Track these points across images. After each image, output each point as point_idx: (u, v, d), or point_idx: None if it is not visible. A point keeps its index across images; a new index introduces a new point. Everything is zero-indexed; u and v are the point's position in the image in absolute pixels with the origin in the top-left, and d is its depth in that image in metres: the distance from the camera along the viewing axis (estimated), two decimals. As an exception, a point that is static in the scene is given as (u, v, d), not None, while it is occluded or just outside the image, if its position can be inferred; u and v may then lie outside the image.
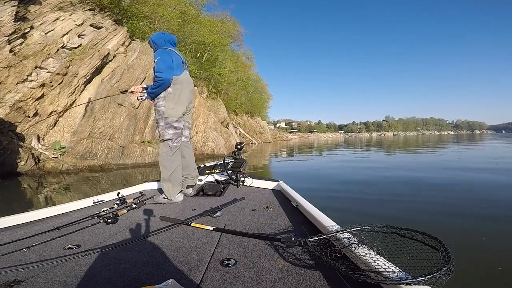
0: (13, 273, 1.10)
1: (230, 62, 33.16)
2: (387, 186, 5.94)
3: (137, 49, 12.45)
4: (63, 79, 9.07)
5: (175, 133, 2.35)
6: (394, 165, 10.25)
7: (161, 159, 2.35)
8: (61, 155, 8.64)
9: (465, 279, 2.11)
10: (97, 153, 9.21)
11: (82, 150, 8.94)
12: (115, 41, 11.89)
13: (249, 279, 1.02)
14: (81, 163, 8.78)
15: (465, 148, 19.66)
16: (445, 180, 6.42)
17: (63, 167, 8.27)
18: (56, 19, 10.12)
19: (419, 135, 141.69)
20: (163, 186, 2.37)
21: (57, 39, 9.57)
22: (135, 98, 2.77)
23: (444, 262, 0.88)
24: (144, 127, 11.16)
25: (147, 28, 15.30)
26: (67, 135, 9.06)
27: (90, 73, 9.89)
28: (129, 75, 11.07)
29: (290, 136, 75.43)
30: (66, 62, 9.25)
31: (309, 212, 1.71)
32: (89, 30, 11.14)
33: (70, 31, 10.27)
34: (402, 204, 4.30)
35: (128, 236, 1.56)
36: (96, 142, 9.34)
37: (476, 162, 10.28)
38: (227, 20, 33.91)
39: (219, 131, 18.11)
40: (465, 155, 13.25)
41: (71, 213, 2.12)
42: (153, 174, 9.21)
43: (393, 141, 39.81)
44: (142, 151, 10.29)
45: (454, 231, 3.15)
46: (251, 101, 45.92)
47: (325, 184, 6.45)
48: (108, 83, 10.45)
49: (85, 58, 9.83)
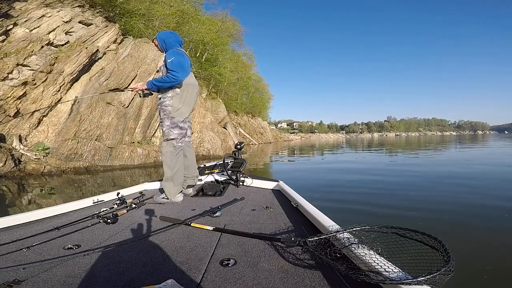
0: (13, 273, 1.10)
1: (231, 62, 32.94)
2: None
3: (129, 46, 12.04)
4: (47, 77, 8.67)
5: (180, 133, 2.37)
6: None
7: (165, 158, 2.35)
8: (45, 156, 8.24)
9: (465, 279, 2.10)
10: (82, 154, 8.80)
11: (66, 151, 8.53)
12: (105, 38, 11.50)
13: (249, 279, 1.02)
14: (65, 164, 8.37)
15: (472, 149, 19.12)
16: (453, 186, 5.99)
17: (45, 169, 7.86)
18: (42, 16, 9.74)
19: (421, 135, 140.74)
20: (164, 185, 2.37)
21: (42, 36, 9.19)
22: (132, 95, 2.55)
23: (444, 262, 0.88)
24: (134, 127, 10.74)
25: (144, 27, 14.93)
26: (51, 135, 8.66)
27: (77, 70, 9.49)
28: (119, 72, 10.66)
29: (292, 137, 75.03)
30: (51, 59, 8.87)
31: (309, 212, 1.70)
32: (78, 27, 10.75)
33: (57, 28, 9.88)
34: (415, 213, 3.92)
35: (128, 236, 1.56)
36: (82, 142, 8.93)
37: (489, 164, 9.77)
38: (227, 19, 33.67)
39: (216, 131, 17.68)
40: (476, 157, 12.74)
41: (70, 213, 2.11)
42: (143, 176, 8.81)
43: (396, 142, 39.33)
44: (132, 152, 9.87)
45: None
46: (252, 101, 45.74)
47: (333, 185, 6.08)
48: (96, 81, 10.04)
49: (71, 55, 9.43)
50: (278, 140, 51.81)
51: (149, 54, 12.07)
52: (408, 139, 59.84)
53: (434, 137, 77.62)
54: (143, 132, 11.17)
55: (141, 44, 12.47)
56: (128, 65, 11.12)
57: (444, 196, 4.87)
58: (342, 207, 4.27)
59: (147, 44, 12.49)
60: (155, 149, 10.72)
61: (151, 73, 11.67)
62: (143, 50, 12.18)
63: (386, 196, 4.99)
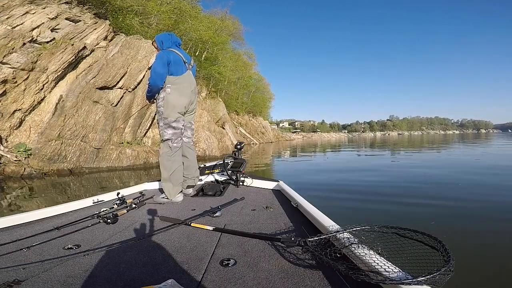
0: (13, 273, 1.10)
1: (231, 61, 32.64)
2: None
3: (119, 43, 11.62)
4: (29, 74, 8.25)
5: (174, 133, 2.35)
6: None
7: (161, 159, 2.37)
8: (26, 158, 7.83)
9: (465, 279, 2.07)
10: (67, 156, 8.37)
11: (50, 152, 8.11)
12: (95, 35, 11.08)
13: (249, 279, 1.03)
14: (48, 166, 7.95)
15: (483, 148, 18.59)
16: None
17: (25, 171, 7.45)
18: (26, 13, 9.33)
19: (424, 134, 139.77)
20: (163, 186, 2.36)
21: (24, 33, 8.77)
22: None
23: (444, 262, 0.88)
24: (124, 126, 10.30)
25: (139, 24, 14.51)
26: (33, 135, 8.24)
27: (62, 68, 9.06)
28: (108, 70, 10.22)
29: (293, 136, 74.71)
30: (33, 56, 8.44)
31: (309, 212, 1.70)
32: (65, 24, 10.35)
33: (41, 25, 9.47)
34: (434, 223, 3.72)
35: (128, 236, 1.55)
36: (67, 143, 8.50)
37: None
38: (227, 18, 33.36)
39: (213, 130, 17.23)
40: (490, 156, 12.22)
41: (70, 213, 2.11)
42: (133, 178, 8.38)
43: (399, 141, 38.87)
44: (120, 153, 9.43)
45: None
46: (253, 101, 45.56)
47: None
48: (83, 79, 9.61)
49: (56, 52, 9.01)
50: (279, 140, 51.43)
51: (141, 51, 11.62)
52: (411, 138, 59.43)
53: (437, 136, 77.38)
54: (133, 132, 10.73)
55: (132, 40, 12.04)
56: (118, 62, 10.68)
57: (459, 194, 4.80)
58: (349, 206, 4.24)
59: (139, 40, 12.06)
60: (146, 150, 10.28)
61: (141, 70, 11.25)
62: (135, 47, 11.74)
63: (396, 195, 4.88)
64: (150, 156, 10.11)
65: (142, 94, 11.23)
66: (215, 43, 27.99)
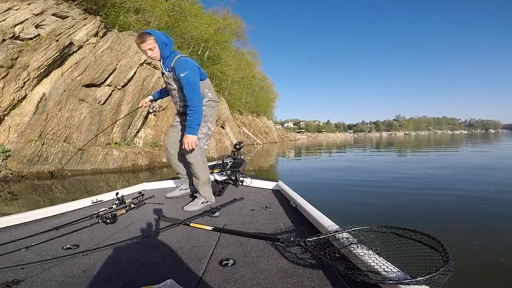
0: (12, 273, 1.08)
1: (234, 60, 32.30)
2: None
3: (110, 39, 11.13)
4: (8, 72, 7.77)
5: (206, 133, 2.31)
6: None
7: (197, 161, 2.25)
8: (4, 159, 7.36)
9: (465, 279, 2.02)
10: (48, 157, 7.88)
11: (29, 154, 7.63)
12: (84, 31, 10.57)
13: (248, 279, 1.02)
14: (28, 168, 7.47)
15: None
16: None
17: (0, 174, 6.98)
18: (9, 9, 8.87)
19: (431, 134, 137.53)
20: (204, 190, 2.23)
21: (5, 30, 8.31)
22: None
23: (443, 262, 0.88)
24: (111, 126, 9.77)
25: (135, 22, 14.03)
26: (13, 136, 7.76)
27: (45, 65, 8.57)
28: (96, 66, 9.71)
29: (298, 136, 74.03)
30: (13, 53, 7.97)
31: (308, 212, 1.69)
32: (51, 20, 9.86)
33: (25, 21, 8.99)
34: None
35: (127, 236, 1.52)
36: (48, 144, 8.01)
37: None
38: (229, 17, 33.07)
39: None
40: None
41: (69, 213, 2.11)
42: (120, 181, 7.87)
43: (406, 141, 38.04)
44: (107, 154, 8.90)
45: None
46: (257, 100, 45.23)
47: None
48: (69, 76, 9.12)
49: (39, 48, 8.54)
50: (284, 140, 50.87)
51: (133, 47, 11.09)
52: (418, 138, 58.36)
53: (444, 136, 76.02)
54: (123, 132, 10.21)
55: (124, 36, 11.54)
56: (107, 58, 10.17)
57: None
58: (352, 207, 4.25)
59: (131, 36, 11.57)
60: (135, 151, 9.74)
61: (132, 66, 10.74)
62: (126, 42, 11.23)
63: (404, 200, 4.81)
64: (139, 158, 9.58)
65: (132, 92, 10.72)
66: (218, 41, 27.64)
